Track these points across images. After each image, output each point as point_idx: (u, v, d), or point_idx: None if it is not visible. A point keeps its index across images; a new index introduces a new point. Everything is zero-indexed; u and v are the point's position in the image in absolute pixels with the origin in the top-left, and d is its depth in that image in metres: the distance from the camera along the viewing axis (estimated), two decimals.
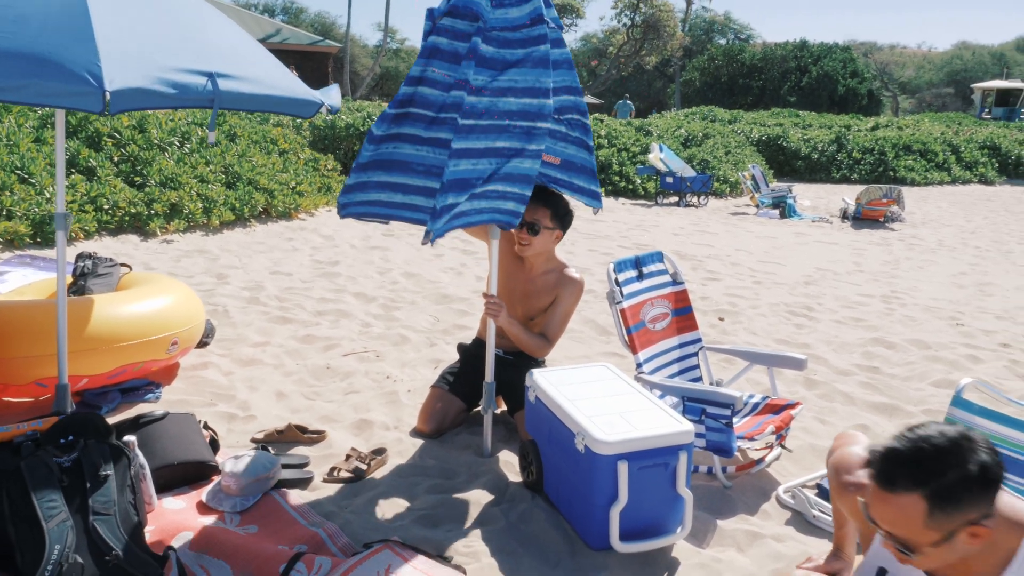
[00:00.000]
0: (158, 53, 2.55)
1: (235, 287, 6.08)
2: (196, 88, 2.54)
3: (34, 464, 2.28)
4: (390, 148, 2.95)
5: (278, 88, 2.86)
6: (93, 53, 2.35)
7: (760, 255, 8.71)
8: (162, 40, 2.64)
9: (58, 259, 3.18)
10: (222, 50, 2.79)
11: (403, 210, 2.95)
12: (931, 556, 1.47)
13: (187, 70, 2.55)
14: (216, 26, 2.94)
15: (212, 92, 2.56)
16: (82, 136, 8.58)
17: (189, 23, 2.83)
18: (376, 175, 2.96)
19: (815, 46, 42.55)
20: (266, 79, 2.84)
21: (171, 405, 3.70)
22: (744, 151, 17.89)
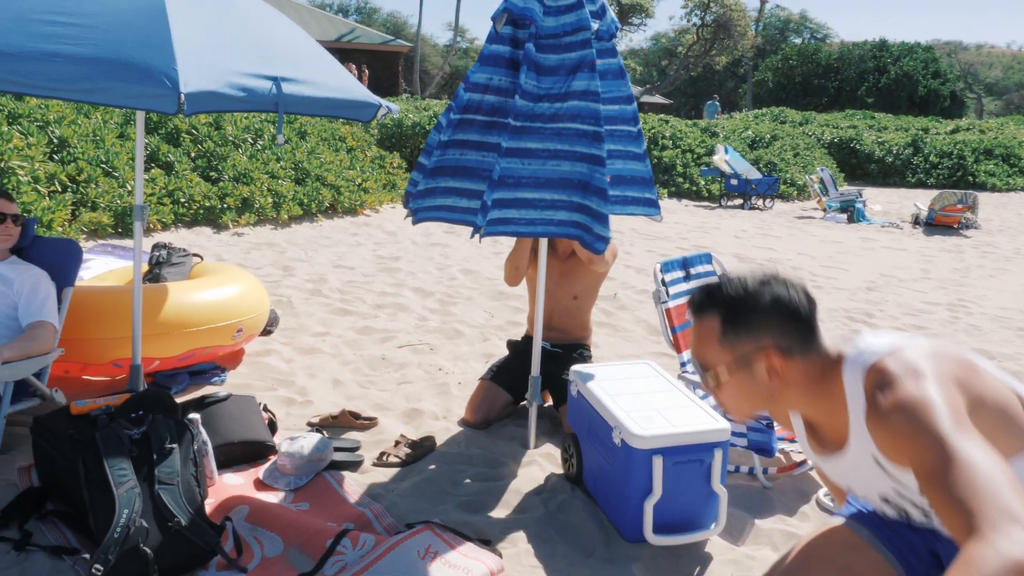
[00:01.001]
0: (229, 58, 2.73)
1: (300, 279, 6.33)
2: (262, 92, 2.71)
3: (107, 435, 2.47)
4: (456, 154, 3.04)
5: (339, 92, 3.01)
6: (171, 58, 2.54)
7: (823, 260, 8.55)
8: (232, 46, 2.82)
9: (135, 248, 3.41)
10: (287, 56, 2.95)
11: (469, 214, 3.02)
12: (734, 386, 1.50)
13: (255, 75, 2.72)
14: (281, 31, 3.11)
15: (277, 96, 2.72)
16: (162, 133, 9.02)
17: (257, 28, 3.00)
18: (443, 181, 3.05)
19: (895, 46, 41.18)
20: (328, 84, 2.99)
21: (235, 388, 3.91)
22: (814, 153, 17.50)
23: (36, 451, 2.70)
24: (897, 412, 1.33)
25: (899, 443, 1.33)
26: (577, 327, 3.77)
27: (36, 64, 2.46)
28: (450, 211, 3.08)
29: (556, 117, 2.92)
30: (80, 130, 7.95)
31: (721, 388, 1.53)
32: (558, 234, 2.98)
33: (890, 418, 1.34)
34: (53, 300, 3.18)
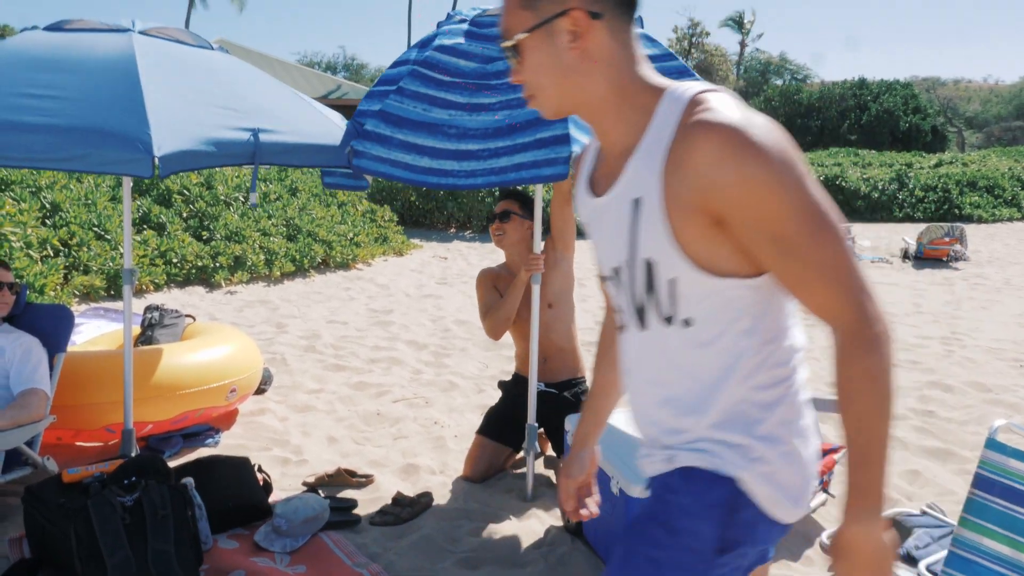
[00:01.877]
0: (203, 115, 2.76)
1: (293, 336, 6.32)
2: (239, 144, 2.74)
3: (99, 503, 2.45)
4: (419, 108, 2.91)
5: (320, 138, 3.01)
6: (144, 123, 2.58)
7: None
8: (205, 102, 2.85)
9: (125, 311, 3.41)
10: (262, 107, 2.98)
11: (429, 175, 2.88)
12: (533, 58, 1.24)
13: (229, 128, 2.75)
14: (255, 84, 3.15)
15: (254, 146, 2.75)
16: (153, 194, 9.10)
17: (230, 83, 3.04)
18: (401, 132, 2.89)
19: (874, 83, 42.04)
20: (307, 131, 2.99)
21: (229, 449, 3.88)
22: None
23: (27, 521, 2.66)
24: (748, 159, 1.09)
25: (737, 195, 1.11)
26: (568, 354, 3.59)
27: (13, 136, 2.51)
28: (407, 169, 2.91)
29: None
30: (72, 195, 8.01)
31: (523, 65, 1.26)
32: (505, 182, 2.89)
33: (729, 164, 1.10)
34: (45, 367, 3.17)
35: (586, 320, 7.14)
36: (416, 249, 11.67)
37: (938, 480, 3.62)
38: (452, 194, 14.29)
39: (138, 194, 9.13)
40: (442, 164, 2.89)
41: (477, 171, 2.87)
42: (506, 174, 2.87)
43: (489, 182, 2.89)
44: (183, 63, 3.04)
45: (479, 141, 2.91)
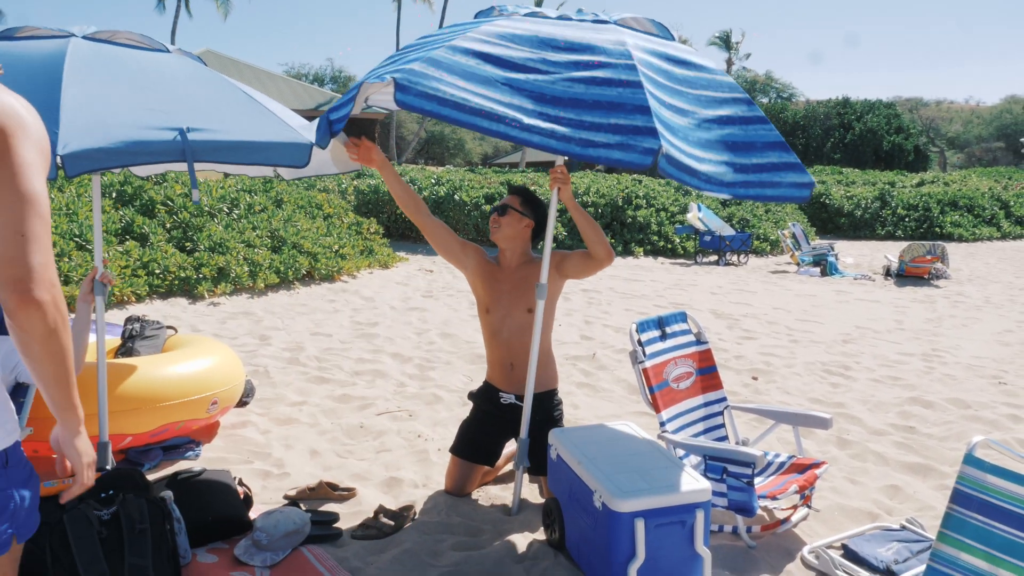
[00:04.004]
0: (126, 116, 2.69)
1: (276, 348, 6.28)
2: (163, 144, 2.65)
3: (76, 517, 2.41)
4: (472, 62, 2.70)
5: (260, 136, 2.90)
6: (54, 123, 2.54)
7: (798, 313, 8.65)
8: (134, 104, 2.77)
9: (98, 322, 3.37)
10: (202, 109, 2.88)
11: (479, 117, 2.54)
12: None
13: (155, 127, 2.67)
14: (205, 88, 3.05)
15: (182, 145, 2.67)
16: (137, 204, 9.04)
17: (171, 86, 2.96)
18: (452, 76, 2.62)
19: (858, 103, 42.59)
20: (247, 129, 2.89)
21: (210, 462, 3.84)
22: (785, 209, 17.87)
23: None
24: None
25: None
26: (543, 365, 3.43)
27: None
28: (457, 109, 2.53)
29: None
30: (53, 205, 7.95)
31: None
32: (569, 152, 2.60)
33: None
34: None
35: (571, 334, 7.15)
36: (402, 262, 11.65)
37: (918, 495, 3.64)
38: (439, 207, 14.30)
39: (121, 204, 9.07)
40: (495, 108, 2.54)
41: (533, 128, 2.54)
42: (569, 144, 2.55)
43: (547, 144, 2.56)
44: (120, 65, 2.97)
45: (537, 101, 2.62)
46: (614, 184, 15.90)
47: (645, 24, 3.22)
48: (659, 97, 2.76)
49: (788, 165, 2.83)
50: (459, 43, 2.75)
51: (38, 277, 1.34)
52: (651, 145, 2.51)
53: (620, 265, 12.80)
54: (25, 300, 1.33)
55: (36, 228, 1.36)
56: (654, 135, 2.54)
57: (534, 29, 2.90)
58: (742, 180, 2.70)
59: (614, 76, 2.72)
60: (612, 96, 2.66)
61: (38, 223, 1.36)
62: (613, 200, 14.80)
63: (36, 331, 1.36)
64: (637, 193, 15.22)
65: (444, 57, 2.66)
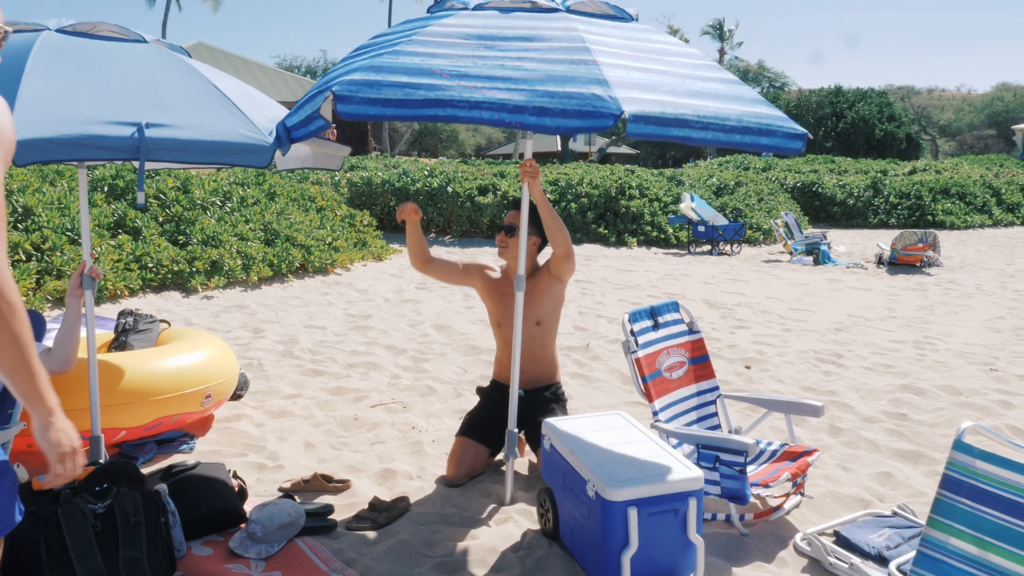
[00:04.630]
0: (84, 110, 2.65)
1: (270, 341, 6.28)
2: (118, 139, 2.61)
3: (70, 510, 2.41)
4: (416, 59, 2.70)
5: (222, 136, 2.84)
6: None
7: (791, 302, 8.68)
8: (96, 97, 2.73)
9: (87, 316, 3.36)
10: (162, 100, 2.83)
11: (424, 107, 2.54)
12: None
13: (112, 122, 2.63)
14: (177, 81, 2.99)
15: (138, 142, 2.62)
16: (128, 198, 9.00)
17: (140, 79, 2.90)
18: (394, 75, 2.61)
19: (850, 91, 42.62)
20: (209, 129, 2.83)
21: (204, 455, 3.84)
22: (778, 198, 17.90)
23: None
24: None
25: None
26: (547, 365, 3.69)
27: None
28: (400, 106, 2.54)
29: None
30: (45, 198, 7.90)
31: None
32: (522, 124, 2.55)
33: None
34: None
35: (565, 325, 7.16)
36: (395, 254, 11.64)
37: (910, 482, 3.67)
38: (433, 199, 14.27)
39: (113, 198, 9.03)
40: (440, 94, 2.52)
41: (483, 103, 2.50)
42: (523, 115, 2.49)
43: (498, 119, 2.50)
44: (88, 57, 2.93)
45: (485, 80, 2.59)
46: (607, 175, 15.89)
47: (601, 7, 3.21)
48: (627, 65, 2.76)
49: (779, 116, 2.83)
50: (403, 47, 2.76)
51: None
52: (612, 111, 2.48)
53: (613, 255, 12.81)
54: None
55: None
56: (615, 102, 2.50)
57: (482, 24, 2.92)
58: (740, 126, 2.66)
59: (565, 56, 2.72)
60: (565, 71, 2.64)
61: None
62: (607, 190, 14.80)
63: None
64: (630, 183, 15.22)
65: (386, 63, 2.68)
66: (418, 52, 2.74)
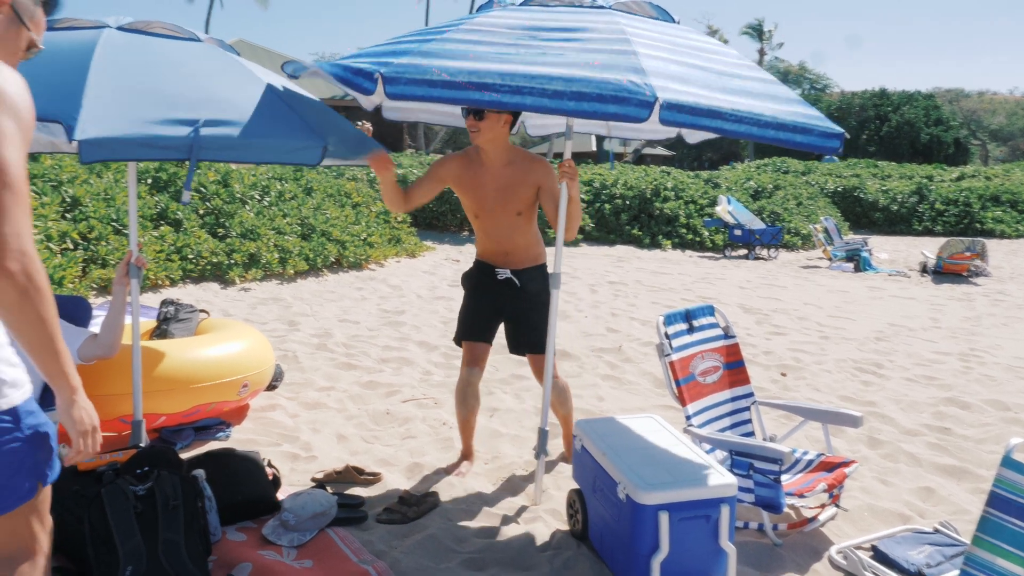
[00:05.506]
0: (144, 107, 2.70)
1: (305, 334, 6.35)
2: (174, 140, 2.66)
3: (113, 491, 2.47)
4: (462, 47, 2.78)
5: (274, 136, 2.88)
6: (75, 108, 2.57)
7: (830, 309, 8.54)
8: (154, 96, 2.78)
9: (133, 305, 3.43)
10: (216, 99, 2.86)
11: (469, 90, 2.60)
12: None
13: (170, 122, 2.67)
14: (229, 79, 3.04)
15: (191, 142, 2.66)
16: (171, 190, 9.17)
17: (195, 78, 2.95)
18: (439, 60, 2.69)
19: (895, 94, 41.76)
20: (262, 129, 2.87)
21: (240, 444, 3.90)
22: (817, 203, 17.61)
23: None
24: None
25: None
26: (533, 247, 3.58)
27: None
28: (445, 87, 2.60)
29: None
30: (92, 189, 8.09)
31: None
32: (561, 109, 2.60)
33: None
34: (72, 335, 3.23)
35: (597, 326, 7.13)
36: (428, 251, 11.69)
37: (952, 498, 3.58)
38: None
39: (156, 190, 9.20)
40: (483, 78, 2.58)
41: (524, 88, 2.55)
42: (562, 100, 2.54)
43: (540, 104, 2.56)
44: (147, 55, 2.98)
45: (527, 65, 2.65)
46: (642, 176, 15.79)
47: (644, 8, 3.24)
48: (664, 58, 2.80)
49: (815, 116, 2.82)
50: (450, 35, 2.86)
51: (7, 248, 1.37)
52: (646, 98, 2.51)
53: (647, 258, 12.73)
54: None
55: (4, 199, 1.38)
56: (650, 89, 2.53)
57: (526, 17, 3.00)
58: (775, 122, 2.65)
59: (605, 46, 2.77)
60: (604, 60, 2.69)
61: (6, 194, 1.38)
62: (642, 192, 14.70)
63: (6, 299, 1.39)
64: (665, 185, 15.10)
65: (433, 48, 2.77)
66: (465, 39, 2.84)
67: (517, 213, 3.47)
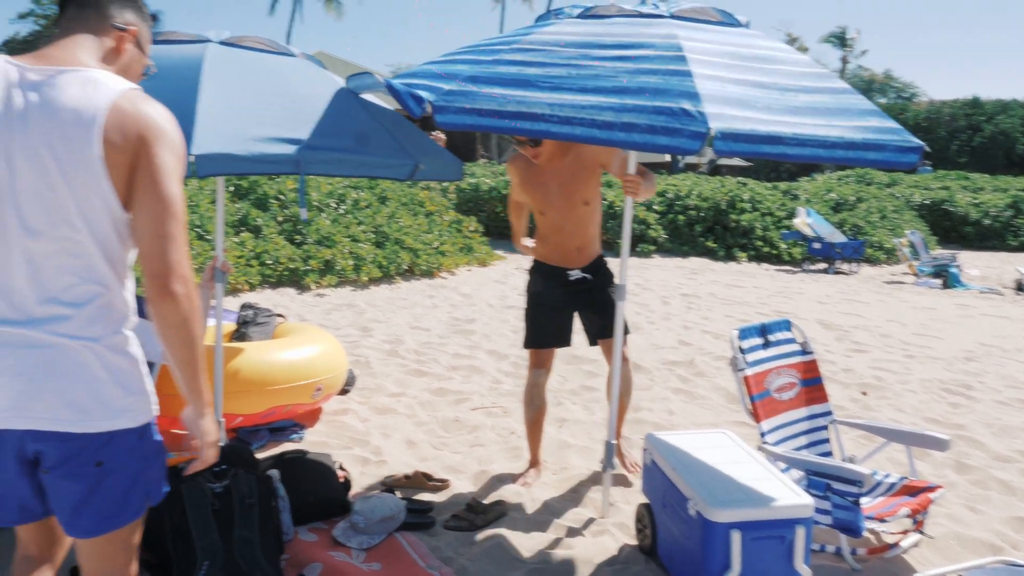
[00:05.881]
0: (252, 124, 2.78)
1: (377, 340, 6.46)
2: (283, 156, 2.74)
3: (192, 488, 2.56)
4: (512, 69, 2.76)
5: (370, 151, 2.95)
6: (189, 123, 2.63)
7: (915, 327, 8.18)
8: (260, 111, 2.86)
9: (217, 308, 3.56)
10: (316, 116, 2.93)
11: (518, 119, 2.59)
12: None
13: (277, 139, 2.75)
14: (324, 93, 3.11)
15: (297, 157, 2.74)
16: (251, 198, 9.51)
17: (295, 94, 3.02)
18: (488, 87, 2.69)
19: (989, 103, 39.87)
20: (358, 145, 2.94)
21: (312, 446, 3.99)
22: (903, 216, 16.95)
23: None
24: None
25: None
26: (599, 235, 3.68)
27: None
28: (494, 116, 2.60)
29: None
30: None
31: None
32: (612, 141, 2.56)
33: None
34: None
35: (669, 339, 7.02)
36: (500, 260, 11.76)
37: None
38: None
39: (237, 197, 9.56)
40: (532, 107, 2.57)
41: (574, 119, 2.52)
42: (612, 131, 2.50)
43: (591, 135, 2.53)
44: (251, 70, 3.08)
45: (577, 93, 2.62)
46: (718, 187, 15.50)
47: (709, 13, 3.15)
48: (722, 76, 2.68)
49: (891, 129, 2.68)
50: (502, 56, 2.84)
51: (174, 273, 1.52)
52: (699, 128, 2.43)
53: (721, 270, 12.48)
54: (163, 292, 1.51)
55: (173, 229, 1.53)
56: (703, 119, 2.45)
57: (582, 32, 2.94)
58: (843, 141, 2.55)
59: (660, 66, 2.68)
60: (657, 83, 2.61)
61: (174, 224, 1.54)
62: (716, 203, 14.44)
63: (171, 319, 1.53)
64: (741, 196, 14.79)
65: (483, 72, 2.76)
66: (516, 61, 2.81)
67: (584, 203, 3.53)
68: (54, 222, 1.50)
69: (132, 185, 1.54)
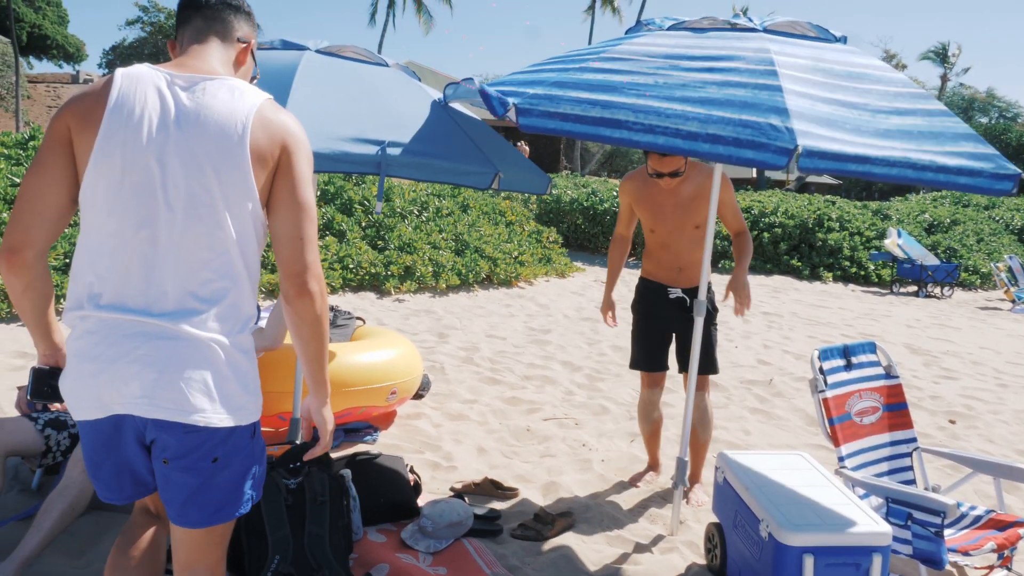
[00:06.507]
0: (337, 124, 2.89)
1: (453, 346, 6.55)
2: (365, 156, 2.83)
3: (267, 483, 2.66)
4: (598, 76, 2.76)
5: (448, 160, 3.01)
6: None
7: (1010, 355, 7.74)
8: (345, 113, 2.96)
9: None
10: (402, 121, 3.04)
11: (600, 126, 2.57)
12: None
13: (360, 139, 2.84)
14: (412, 102, 3.21)
15: (380, 158, 2.82)
16: (337, 203, 9.80)
17: (382, 99, 3.13)
18: (575, 91, 2.69)
19: None
20: (438, 152, 3.01)
21: (385, 448, 4.08)
22: (1001, 240, 16.08)
23: None
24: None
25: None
26: (699, 265, 3.65)
27: None
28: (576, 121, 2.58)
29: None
30: None
31: None
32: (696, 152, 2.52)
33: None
34: None
35: (748, 357, 6.86)
36: (578, 272, 11.74)
37: None
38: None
39: (323, 202, 9.87)
40: (615, 114, 2.55)
41: (657, 128, 2.50)
42: (696, 142, 2.47)
43: (673, 145, 2.50)
44: (341, 76, 3.20)
45: (662, 101, 2.59)
46: (804, 204, 15.06)
47: (803, 27, 3.09)
48: (813, 94, 2.62)
49: (986, 155, 2.56)
50: (589, 63, 2.85)
51: (311, 272, 1.64)
52: (786, 144, 2.39)
53: (805, 289, 12.11)
54: (301, 291, 1.63)
55: (310, 231, 1.65)
56: (791, 135, 2.41)
57: (671, 44, 2.93)
58: (934, 164, 2.46)
59: (750, 80, 2.63)
60: (745, 96, 2.57)
61: (311, 227, 1.65)
62: (803, 221, 14.03)
63: (308, 316, 1.65)
64: (829, 215, 14.32)
65: (570, 78, 2.77)
66: (603, 69, 2.82)
67: (695, 226, 3.57)
68: (203, 219, 1.59)
69: (272, 189, 1.65)
